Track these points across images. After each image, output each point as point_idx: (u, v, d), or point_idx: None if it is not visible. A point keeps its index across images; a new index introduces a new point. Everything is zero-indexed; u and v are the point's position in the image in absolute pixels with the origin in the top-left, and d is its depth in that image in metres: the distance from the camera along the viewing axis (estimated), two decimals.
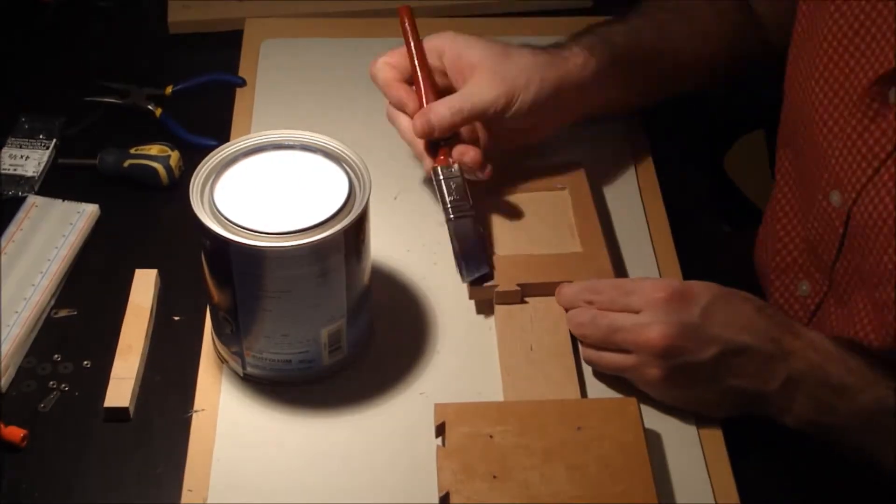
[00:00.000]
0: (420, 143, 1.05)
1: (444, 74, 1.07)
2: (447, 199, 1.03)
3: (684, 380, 0.93)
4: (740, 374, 0.92)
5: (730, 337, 0.91)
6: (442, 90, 1.06)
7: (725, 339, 0.91)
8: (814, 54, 1.01)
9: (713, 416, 0.95)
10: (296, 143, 0.95)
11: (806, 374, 0.91)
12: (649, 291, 0.93)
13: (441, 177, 1.04)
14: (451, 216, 1.03)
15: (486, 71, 1.04)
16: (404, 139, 1.08)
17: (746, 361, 0.91)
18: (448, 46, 1.06)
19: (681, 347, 0.91)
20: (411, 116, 1.05)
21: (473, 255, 1.02)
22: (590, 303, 0.97)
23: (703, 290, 0.93)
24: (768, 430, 0.96)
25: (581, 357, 0.98)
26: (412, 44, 1.07)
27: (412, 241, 1.08)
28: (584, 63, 1.06)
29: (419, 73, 1.06)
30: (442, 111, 1.03)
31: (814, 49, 1.01)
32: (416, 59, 1.06)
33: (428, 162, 1.05)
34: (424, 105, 1.05)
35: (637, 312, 0.93)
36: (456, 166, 1.04)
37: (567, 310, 0.99)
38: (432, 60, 1.07)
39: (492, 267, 1.02)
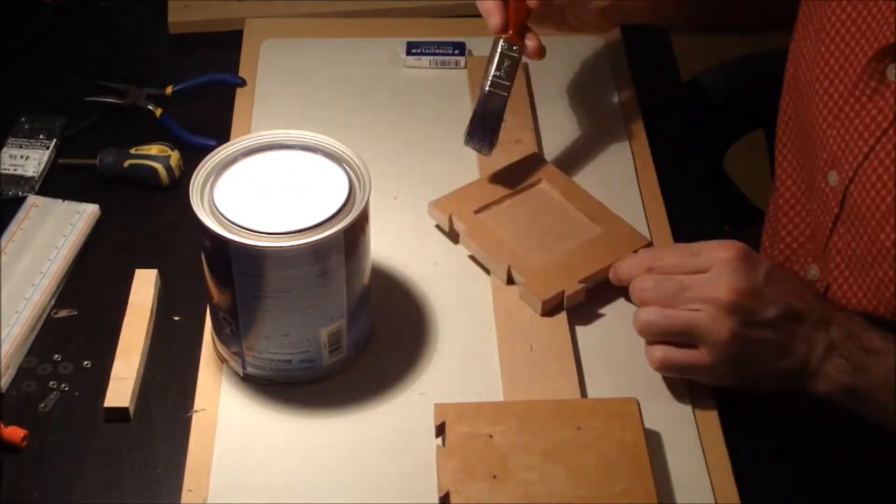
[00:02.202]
0: (492, 5, 1.06)
1: None
2: (492, 71, 1.06)
3: (748, 341, 0.93)
4: (795, 337, 0.93)
5: (788, 301, 0.93)
6: None
7: (785, 301, 0.93)
8: (816, 35, 1.03)
9: (757, 391, 0.96)
10: (296, 143, 0.95)
11: (844, 340, 0.94)
12: (717, 251, 0.94)
13: (501, 48, 1.06)
14: (488, 88, 1.06)
15: None
16: None
17: (799, 327, 0.93)
18: None
19: (748, 305, 0.92)
20: None
21: (482, 129, 1.06)
22: (650, 270, 0.97)
23: (761, 257, 0.95)
24: (769, 431, 0.96)
25: (634, 322, 0.96)
26: None
27: (412, 241, 1.08)
28: None
29: None
30: None
31: (817, 34, 1.02)
32: None
33: (498, 21, 1.06)
34: None
35: (704, 273, 0.94)
36: (517, 47, 1.06)
37: (627, 283, 0.99)
38: None
39: (492, 150, 1.07)
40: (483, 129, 1.07)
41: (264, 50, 1.28)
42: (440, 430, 0.91)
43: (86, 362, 1.00)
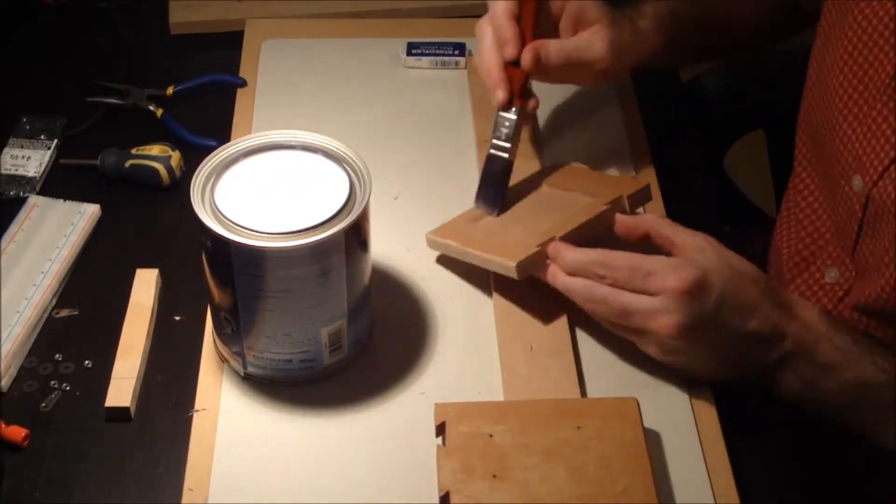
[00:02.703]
0: (498, 74, 1.06)
1: (553, 23, 1.10)
2: (500, 136, 1.07)
3: (690, 358, 0.94)
4: (741, 355, 0.94)
5: (737, 324, 0.93)
6: (541, 34, 1.09)
7: (734, 325, 0.93)
8: (839, 44, 1.03)
9: (701, 378, 0.97)
10: (296, 144, 0.95)
11: (796, 354, 0.93)
12: (668, 280, 0.92)
13: (501, 113, 1.07)
14: (492, 151, 1.07)
15: (603, 31, 1.08)
16: (482, 64, 1.08)
17: (747, 344, 0.93)
18: None
19: (691, 337, 0.92)
20: (507, 54, 1.06)
21: (488, 191, 1.07)
22: (601, 277, 0.94)
23: (716, 275, 0.93)
24: (769, 430, 0.96)
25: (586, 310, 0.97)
26: None
27: (412, 241, 1.08)
28: (655, 37, 1.12)
29: (531, 10, 1.08)
30: (553, 50, 1.07)
31: (839, 40, 1.03)
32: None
33: (503, 95, 1.06)
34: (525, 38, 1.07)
35: (652, 295, 0.93)
36: (515, 109, 1.07)
37: (569, 274, 0.97)
38: (554, 6, 1.10)
39: (501, 208, 1.07)
40: (489, 191, 1.07)
41: (265, 50, 1.28)
42: (440, 429, 0.91)
43: (87, 362, 1.00)
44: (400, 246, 1.08)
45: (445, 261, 1.07)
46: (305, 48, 1.29)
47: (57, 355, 1.00)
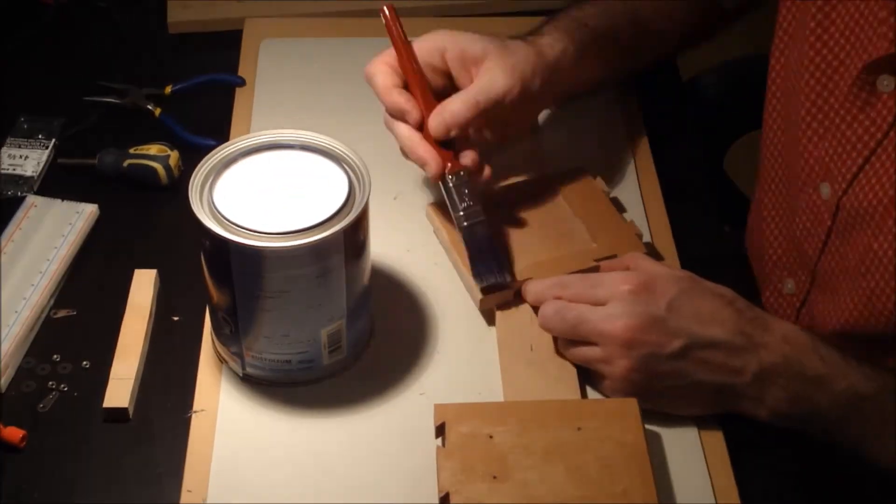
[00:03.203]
0: (422, 150, 1.01)
1: (444, 74, 1.05)
2: (458, 206, 1.01)
3: (651, 374, 0.92)
4: (707, 367, 0.92)
5: (696, 330, 0.91)
6: (438, 91, 1.04)
7: (692, 331, 0.91)
8: (800, 51, 1.02)
9: (684, 414, 0.95)
10: (296, 143, 0.95)
11: (779, 367, 0.91)
12: (615, 283, 0.93)
13: (451, 184, 1.01)
14: (464, 223, 1.01)
15: (495, 62, 1.02)
16: (403, 146, 1.04)
17: (714, 355, 0.91)
18: (449, 43, 1.04)
19: (645, 339, 0.91)
20: (413, 123, 1.02)
21: (485, 262, 1.00)
22: (558, 297, 0.97)
23: (670, 282, 0.93)
24: (769, 431, 0.96)
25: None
26: (402, 46, 1.04)
27: (412, 241, 1.08)
28: (564, 50, 1.06)
29: (415, 77, 1.03)
30: (457, 107, 1.00)
31: (800, 45, 1.02)
32: (409, 61, 1.03)
33: (434, 167, 1.00)
34: (423, 109, 1.02)
35: (604, 304, 0.93)
36: (463, 171, 1.01)
37: (534, 304, 0.99)
38: (433, 60, 1.05)
39: (510, 274, 1.00)
40: (486, 262, 1.00)
41: (264, 49, 1.28)
42: (440, 430, 0.91)
43: (85, 362, 1.00)
44: (400, 246, 1.08)
45: (445, 261, 1.07)
46: (304, 47, 1.29)
47: (55, 356, 1.00)
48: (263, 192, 0.92)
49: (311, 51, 1.28)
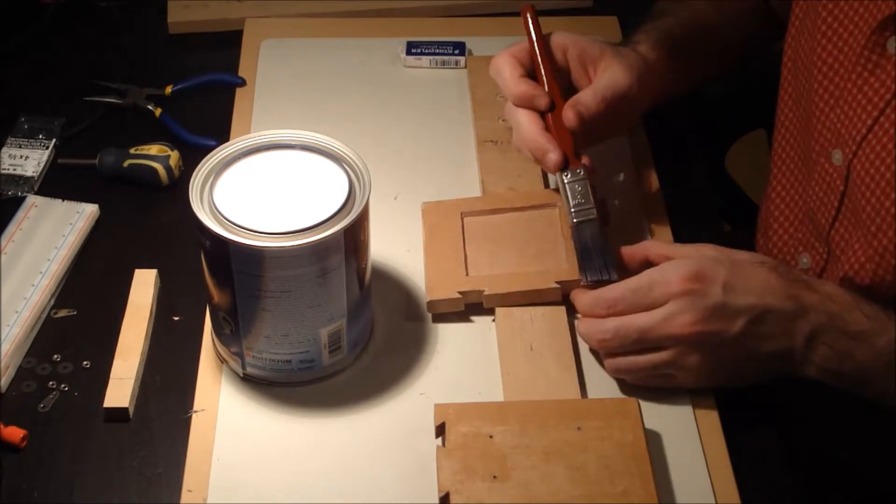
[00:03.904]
0: (545, 139, 1.04)
1: (562, 72, 1.08)
2: (571, 202, 1.03)
3: (722, 358, 0.93)
4: (769, 336, 0.93)
5: (753, 303, 0.92)
6: (562, 88, 1.07)
7: (750, 306, 0.92)
8: (815, 14, 1.03)
9: (751, 385, 0.96)
10: (296, 143, 0.95)
11: (825, 326, 0.93)
12: (665, 282, 0.93)
13: (568, 179, 1.03)
14: (574, 220, 1.02)
15: (614, 61, 1.06)
16: (524, 135, 1.06)
17: (772, 324, 0.93)
18: (570, 42, 1.08)
19: (711, 329, 0.92)
20: (542, 107, 1.05)
21: (591, 259, 1.01)
22: (606, 316, 0.96)
23: (716, 267, 0.94)
24: (769, 431, 0.96)
25: (607, 371, 0.97)
26: (541, 44, 1.07)
27: (412, 241, 1.08)
28: (659, 58, 1.10)
29: (547, 69, 1.06)
30: (589, 100, 1.04)
31: (813, 17, 1.03)
32: (542, 55, 1.07)
33: (556, 157, 1.03)
34: (553, 99, 1.05)
35: (659, 307, 0.93)
36: (580, 169, 1.03)
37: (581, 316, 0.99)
38: (556, 57, 1.08)
39: (616, 272, 1.00)
40: (594, 259, 1.00)
41: (264, 50, 1.28)
42: (440, 430, 0.91)
43: (85, 362, 1.00)
44: (400, 246, 1.08)
45: None
46: (304, 48, 1.29)
47: (55, 356, 1.00)
48: (263, 192, 0.92)
49: (311, 51, 1.28)
